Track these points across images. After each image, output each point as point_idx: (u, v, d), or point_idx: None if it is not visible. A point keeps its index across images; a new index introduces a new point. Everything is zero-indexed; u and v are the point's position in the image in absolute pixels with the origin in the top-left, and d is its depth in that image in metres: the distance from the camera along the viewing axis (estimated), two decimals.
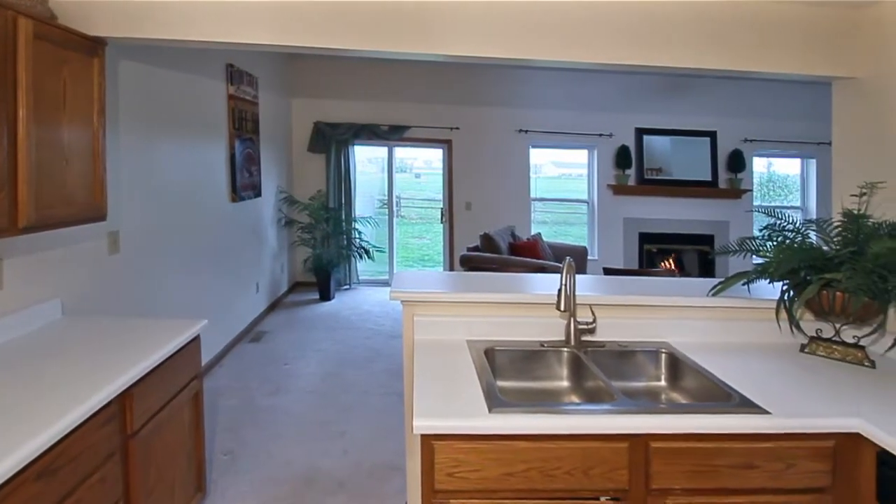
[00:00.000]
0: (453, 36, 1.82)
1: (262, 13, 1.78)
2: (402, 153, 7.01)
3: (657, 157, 6.53)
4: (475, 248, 4.97)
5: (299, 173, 6.34)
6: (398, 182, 6.94)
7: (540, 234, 6.11)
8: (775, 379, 1.49)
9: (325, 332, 4.61)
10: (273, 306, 5.31)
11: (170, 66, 3.20)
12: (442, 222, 6.62)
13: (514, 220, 6.35)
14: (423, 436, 1.17)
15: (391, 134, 6.32)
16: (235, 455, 2.54)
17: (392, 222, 6.69)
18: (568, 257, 1.70)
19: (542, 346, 1.72)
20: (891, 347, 1.66)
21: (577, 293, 1.78)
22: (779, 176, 7.10)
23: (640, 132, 6.53)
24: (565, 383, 1.67)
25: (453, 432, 1.17)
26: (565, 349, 1.70)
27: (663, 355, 1.71)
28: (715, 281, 1.96)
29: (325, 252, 5.83)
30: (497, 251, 4.75)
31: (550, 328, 1.79)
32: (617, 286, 2.07)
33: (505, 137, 6.48)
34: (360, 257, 6.15)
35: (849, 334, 1.71)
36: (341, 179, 6.30)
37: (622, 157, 6.47)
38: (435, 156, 6.86)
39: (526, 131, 6.46)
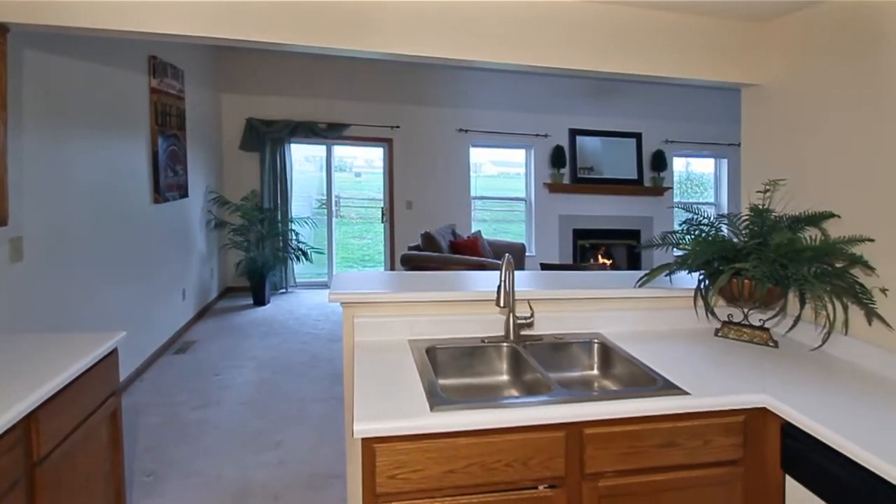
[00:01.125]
0: (393, 34, 1.80)
1: (188, 2, 1.67)
2: (342, 152, 6.86)
3: (589, 156, 6.85)
4: (416, 248, 4.97)
5: (231, 172, 6.04)
6: (337, 181, 6.79)
7: (480, 231, 6.22)
8: (693, 362, 1.60)
9: (259, 338, 4.42)
10: (202, 314, 5.02)
11: (83, 56, 2.93)
12: (383, 222, 6.56)
13: (455, 218, 6.42)
14: (363, 439, 1.16)
15: (330, 132, 6.17)
16: (158, 476, 2.37)
17: (331, 222, 6.54)
18: (507, 254, 1.74)
19: (483, 342, 1.75)
20: (791, 328, 1.85)
21: (515, 289, 1.82)
22: (695, 174, 7.69)
23: (574, 133, 6.82)
24: (505, 377, 1.71)
25: (395, 434, 1.16)
26: (505, 344, 1.74)
27: (596, 345, 1.79)
28: (641, 273, 2.08)
29: (259, 255, 5.59)
30: (438, 250, 4.78)
31: (491, 324, 1.83)
32: (553, 281, 2.14)
33: (446, 136, 6.52)
34: (298, 259, 5.95)
35: (755, 318, 1.88)
36: (277, 179, 6.06)
37: (557, 157, 6.72)
38: (375, 154, 6.78)
39: (466, 131, 6.54)
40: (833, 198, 1.77)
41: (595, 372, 1.78)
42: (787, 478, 1.30)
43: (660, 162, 6.93)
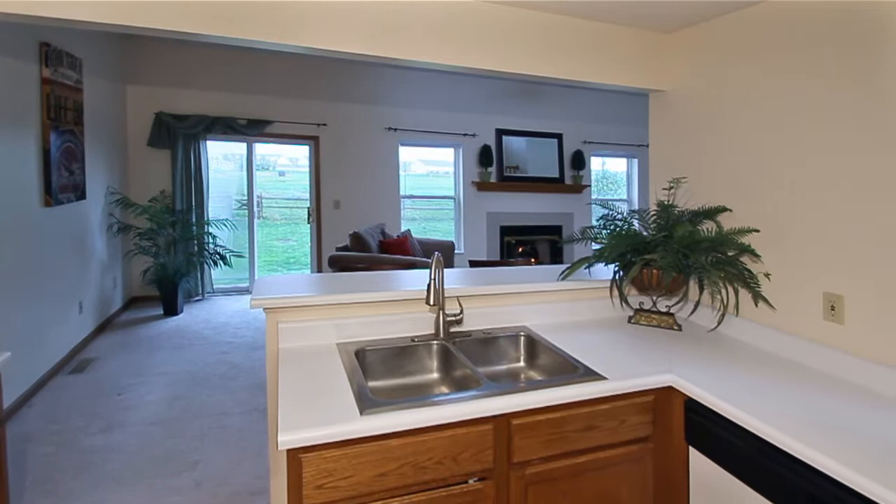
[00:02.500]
0: (313, 28, 1.73)
1: None
2: (264, 149, 6.53)
3: (514, 155, 7.07)
4: (345, 248, 4.86)
5: (137, 172, 5.54)
6: (259, 180, 6.46)
7: (410, 230, 6.21)
8: (610, 348, 1.71)
9: (171, 351, 4.08)
10: (102, 328, 4.56)
11: None
12: (309, 222, 6.34)
13: (384, 217, 6.36)
14: (288, 451, 1.11)
15: (251, 129, 5.84)
16: None
17: (253, 224, 6.21)
18: (436, 252, 1.74)
19: (413, 341, 1.74)
20: (692, 312, 2.03)
21: (445, 287, 1.84)
22: (610, 173, 8.21)
23: (500, 133, 7.01)
24: (436, 375, 1.72)
25: (323, 442, 1.12)
26: (435, 342, 1.75)
27: (522, 338, 1.85)
28: (563, 267, 2.19)
29: (170, 261, 5.17)
30: (367, 250, 4.71)
31: (421, 323, 1.83)
32: (482, 277, 2.18)
33: (374, 135, 6.43)
34: (215, 264, 5.55)
35: (663, 304, 2.05)
36: (191, 178, 5.65)
37: (485, 156, 6.87)
38: (301, 153, 6.53)
39: (395, 129, 6.49)
40: (726, 193, 1.96)
41: (522, 364, 1.84)
42: (691, 449, 1.43)
43: (579, 161, 7.32)
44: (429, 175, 7.50)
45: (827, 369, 1.53)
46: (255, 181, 6.26)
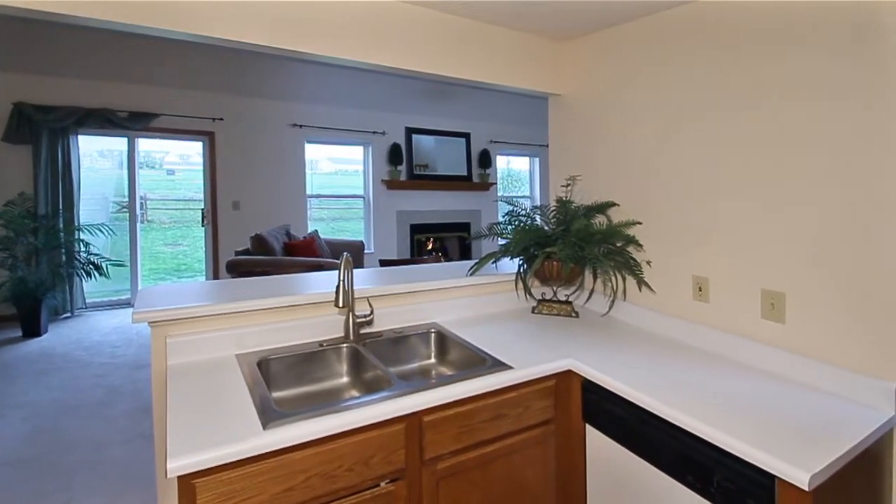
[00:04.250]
0: (211, 16, 1.57)
1: None
2: (150, 145, 5.89)
3: (424, 154, 7.12)
4: (245, 252, 4.57)
5: None
6: (144, 180, 5.82)
7: (317, 231, 6.00)
8: (515, 338, 1.78)
9: (32, 378, 3.52)
10: None
11: None
12: (203, 225, 5.85)
13: (290, 218, 6.07)
14: (179, 478, 1.01)
15: (133, 122, 5.24)
16: None
17: (135, 229, 5.59)
18: (345, 252, 1.69)
19: (322, 345, 1.68)
20: (587, 300, 2.19)
21: (354, 287, 1.79)
22: (515, 171, 8.59)
23: (410, 131, 7.01)
24: (346, 379, 1.67)
25: (221, 463, 1.03)
26: (345, 345, 1.70)
27: (433, 334, 1.87)
28: (472, 262, 2.24)
29: (31, 273, 4.47)
30: (270, 253, 4.46)
31: (330, 326, 1.77)
32: (392, 276, 2.16)
33: (278, 131, 6.10)
34: (88, 276, 4.90)
35: (562, 294, 2.18)
36: (58, 178, 4.95)
37: (394, 154, 6.83)
38: (194, 149, 5.98)
39: (301, 126, 6.21)
40: (614, 189, 2.14)
41: (433, 360, 1.85)
42: (587, 426, 1.54)
43: (486, 160, 7.57)
44: (337, 174, 7.27)
45: (697, 343, 1.73)
46: (139, 181, 5.65)
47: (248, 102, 5.90)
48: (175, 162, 6.39)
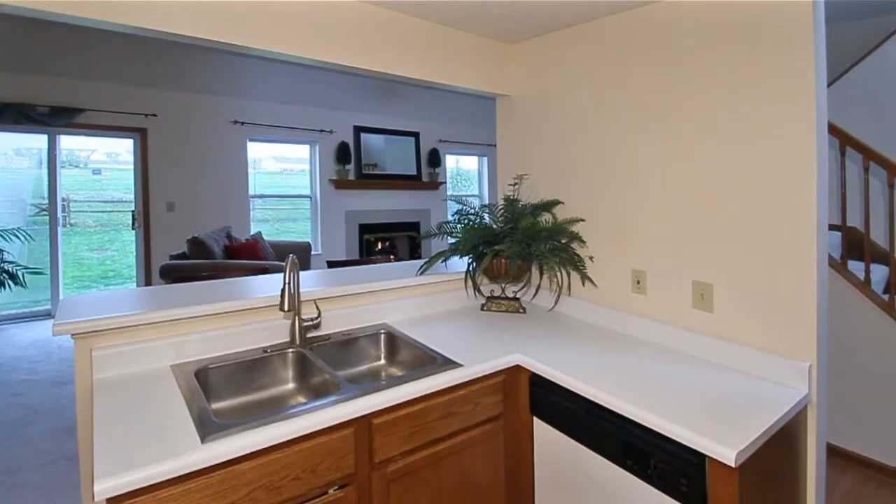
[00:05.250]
0: (141, 3, 1.47)
1: None
2: (73, 143, 5.43)
3: (373, 153, 7.03)
4: (181, 256, 4.33)
5: None
6: (67, 180, 5.38)
7: (261, 233, 5.79)
8: (465, 336, 1.80)
9: None
10: None
11: None
12: (134, 228, 5.48)
13: (231, 220, 5.82)
14: (109, 500, 0.93)
15: (54, 118, 4.81)
16: None
17: (56, 233, 5.15)
18: (291, 255, 1.63)
19: (266, 351, 1.62)
20: (534, 295, 2.25)
21: (301, 290, 1.74)
22: (464, 170, 8.67)
23: (359, 130, 6.90)
24: (291, 385, 1.62)
25: (155, 481, 0.97)
26: (290, 350, 1.64)
27: (383, 335, 1.85)
28: (422, 261, 2.23)
29: None
30: (210, 256, 4.25)
31: (275, 331, 1.71)
32: (340, 277, 2.12)
33: (217, 129, 5.80)
34: (2, 285, 4.48)
35: (510, 291, 2.22)
36: None
37: (342, 153, 6.70)
38: (123, 147, 5.58)
39: (243, 123, 5.95)
40: (559, 188, 2.20)
41: (383, 362, 1.83)
42: (535, 419, 1.58)
43: (435, 159, 7.58)
44: (282, 173, 7.03)
45: (636, 333, 1.82)
46: (60, 181, 5.21)
47: (184, 97, 5.58)
48: (102, 161, 5.94)
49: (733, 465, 1.06)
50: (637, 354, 1.63)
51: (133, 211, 5.47)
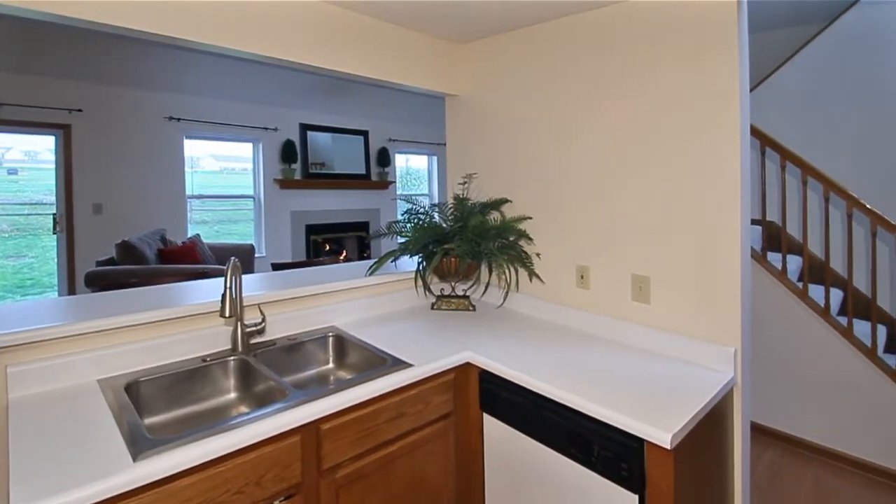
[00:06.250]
0: None
1: None
2: None
3: (320, 152, 6.85)
4: (109, 262, 4.04)
5: None
6: None
7: (199, 235, 5.50)
8: (415, 336, 1.79)
9: None
10: None
11: None
12: (56, 233, 5.05)
13: (166, 222, 5.48)
14: None
15: None
16: None
17: None
18: (233, 258, 1.56)
19: (205, 361, 1.53)
20: (484, 293, 2.28)
21: (244, 294, 1.67)
22: (414, 169, 8.64)
23: (305, 128, 6.69)
24: (234, 395, 1.55)
25: None
26: (232, 358, 1.57)
27: (331, 338, 1.80)
28: (371, 262, 2.20)
29: None
30: (142, 261, 4.00)
31: (216, 338, 1.62)
32: (286, 280, 2.05)
33: (150, 125, 5.43)
34: None
35: (460, 289, 2.24)
36: None
37: (288, 152, 6.47)
38: (43, 144, 5.11)
39: (178, 119, 5.61)
40: (507, 187, 2.23)
41: (331, 365, 1.79)
42: (485, 415, 1.60)
43: (384, 158, 7.50)
44: (223, 172, 6.71)
45: (581, 327, 1.88)
46: None
47: (113, 92, 5.19)
48: (18, 159, 5.42)
49: (669, 447, 1.11)
50: (581, 347, 1.68)
51: (55, 214, 5.04)
